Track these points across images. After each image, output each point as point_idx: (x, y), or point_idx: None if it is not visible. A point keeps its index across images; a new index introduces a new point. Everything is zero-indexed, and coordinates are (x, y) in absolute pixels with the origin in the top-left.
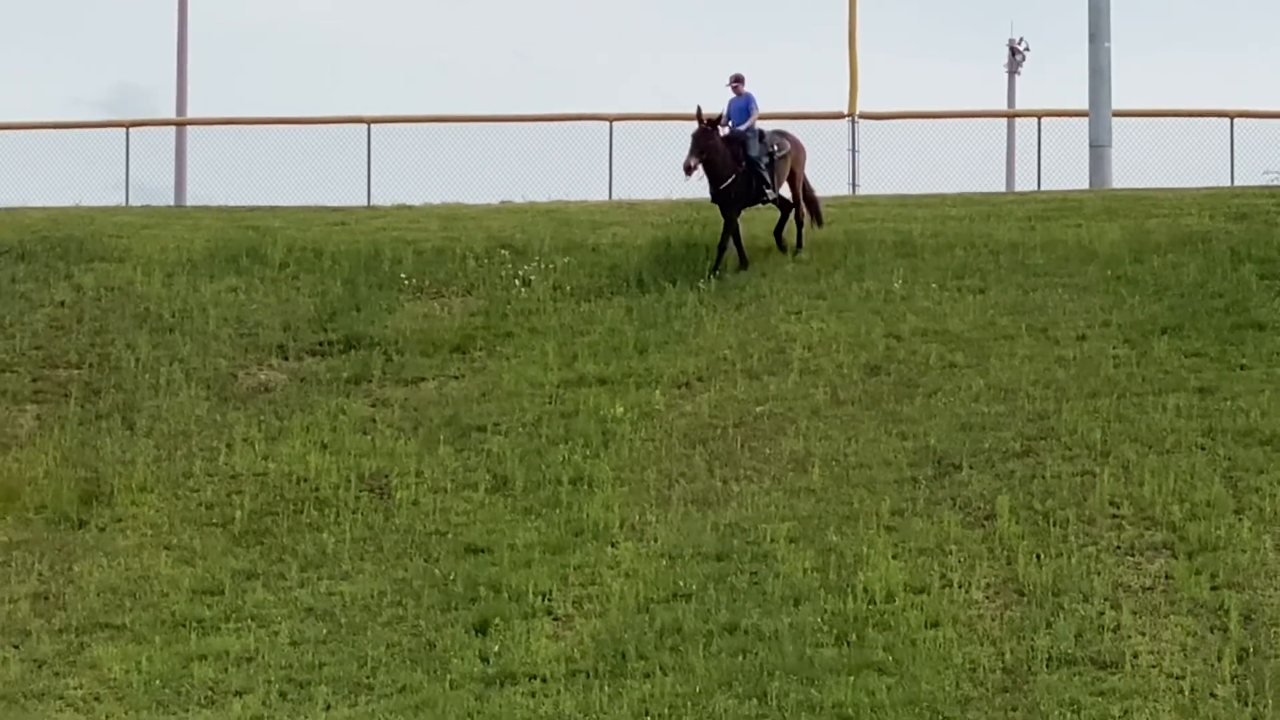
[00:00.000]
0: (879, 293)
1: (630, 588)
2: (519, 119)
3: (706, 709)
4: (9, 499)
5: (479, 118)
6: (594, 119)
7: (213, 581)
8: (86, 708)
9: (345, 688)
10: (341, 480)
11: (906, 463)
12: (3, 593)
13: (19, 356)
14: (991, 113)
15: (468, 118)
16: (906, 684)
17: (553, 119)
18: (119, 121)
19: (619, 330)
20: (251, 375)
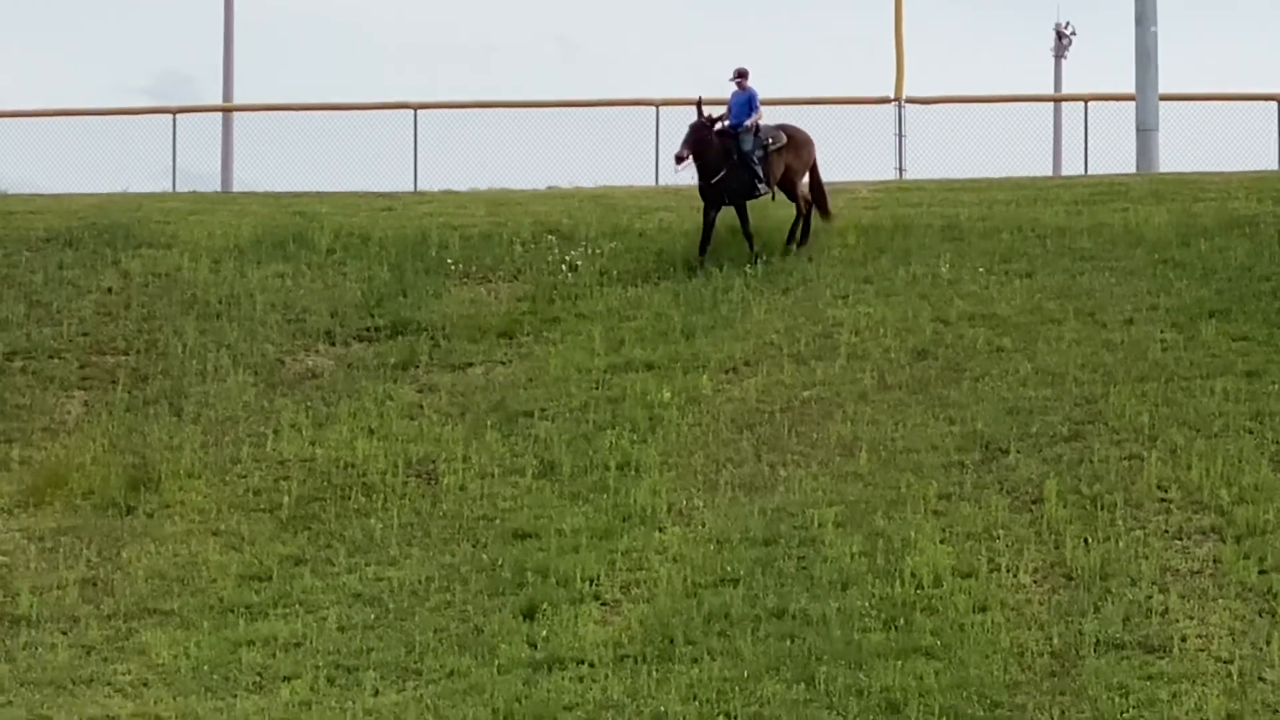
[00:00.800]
0: (926, 277)
1: (678, 573)
2: (565, 104)
3: (754, 694)
4: (57, 485)
5: (525, 103)
6: (640, 104)
7: (260, 567)
8: (135, 693)
9: (393, 673)
10: (389, 466)
11: (954, 447)
12: (51, 579)
13: (67, 343)
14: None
15: (514, 103)
16: (954, 668)
17: (598, 104)
18: (166, 108)
19: (666, 315)
20: (299, 361)
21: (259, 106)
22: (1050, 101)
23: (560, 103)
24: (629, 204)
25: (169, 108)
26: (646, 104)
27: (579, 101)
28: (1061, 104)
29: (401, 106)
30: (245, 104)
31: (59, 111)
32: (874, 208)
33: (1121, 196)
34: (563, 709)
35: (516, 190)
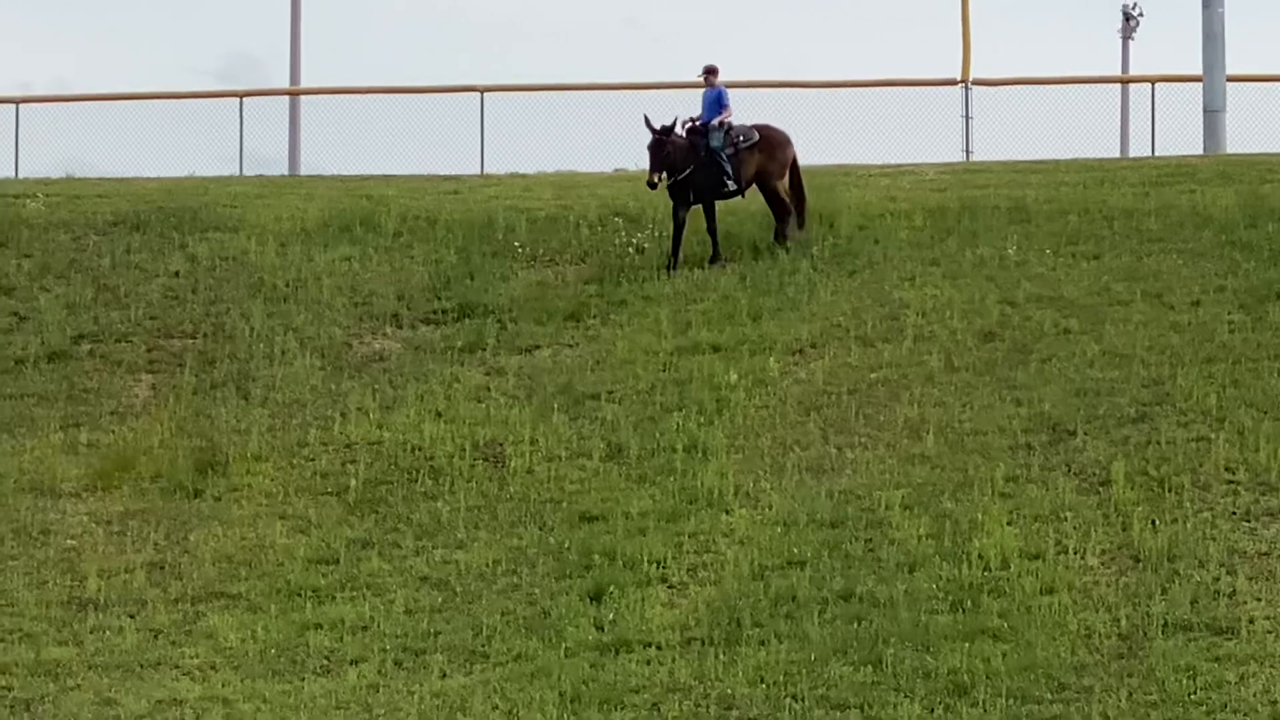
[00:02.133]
0: (993, 259)
1: (745, 555)
2: (631, 87)
3: (821, 676)
4: (125, 469)
5: (591, 86)
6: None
7: (328, 550)
8: (202, 677)
9: (460, 656)
10: (456, 449)
11: (1021, 429)
12: (119, 562)
13: (134, 326)
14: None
15: (580, 86)
16: (1022, 650)
17: (664, 87)
18: (233, 91)
19: (732, 297)
20: (366, 344)
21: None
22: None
23: (627, 85)
24: None
25: (236, 91)
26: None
27: (646, 84)
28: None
29: (468, 89)
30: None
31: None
32: (941, 190)
33: (1189, 178)
34: (629, 691)
35: (583, 173)
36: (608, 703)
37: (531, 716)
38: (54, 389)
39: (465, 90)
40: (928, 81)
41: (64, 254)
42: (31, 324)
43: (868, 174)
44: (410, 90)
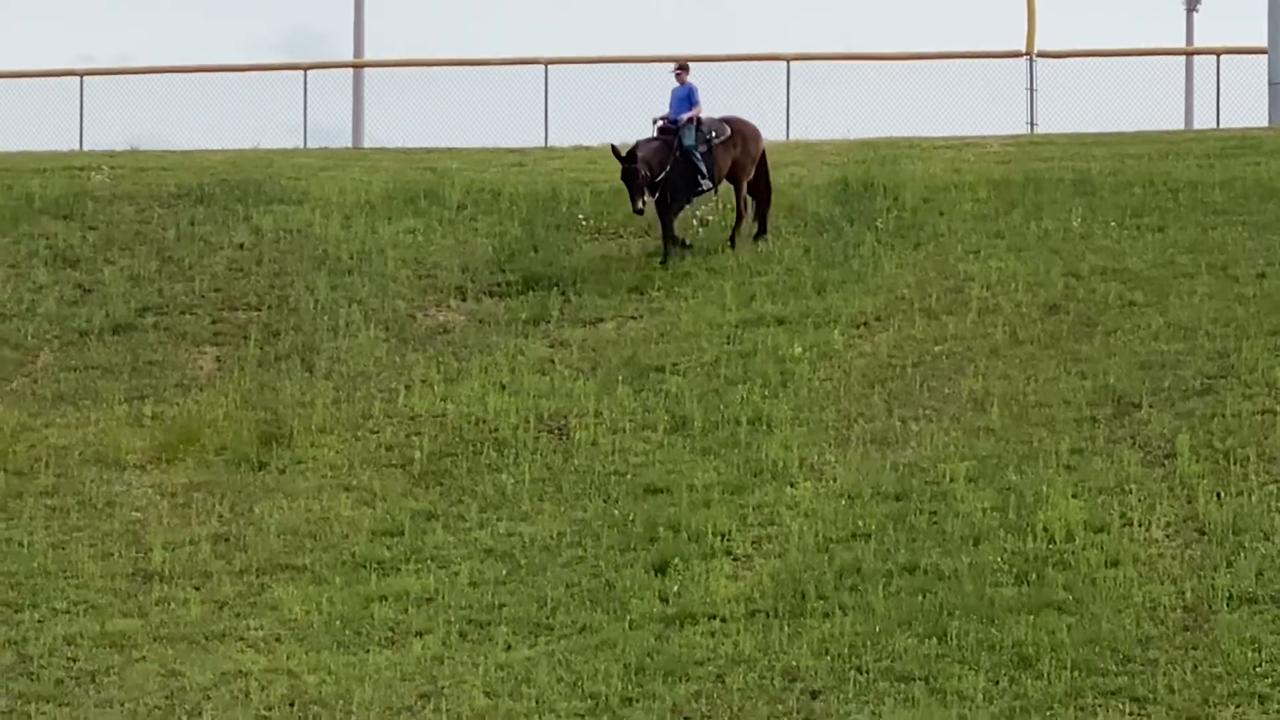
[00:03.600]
0: (1057, 231)
1: (809, 527)
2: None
3: (886, 648)
4: (189, 441)
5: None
6: (771, 59)
7: (392, 523)
8: (268, 649)
9: (525, 628)
10: (520, 421)
11: (1086, 402)
12: (184, 534)
13: (198, 299)
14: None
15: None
16: (1086, 623)
17: (729, 59)
18: (297, 64)
19: (797, 270)
20: (430, 316)
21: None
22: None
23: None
24: None
25: (300, 64)
26: (778, 59)
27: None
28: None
29: (533, 62)
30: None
31: (191, 68)
32: (1005, 162)
33: (1254, 150)
34: (694, 664)
35: None
36: (672, 675)
37: (596, 688)
38: (118, 361)
39: (530, 63)
40: (992, 54)
41: (129, 226)
42: (96, 296)
43: (932, 146)
44: (474, 62)
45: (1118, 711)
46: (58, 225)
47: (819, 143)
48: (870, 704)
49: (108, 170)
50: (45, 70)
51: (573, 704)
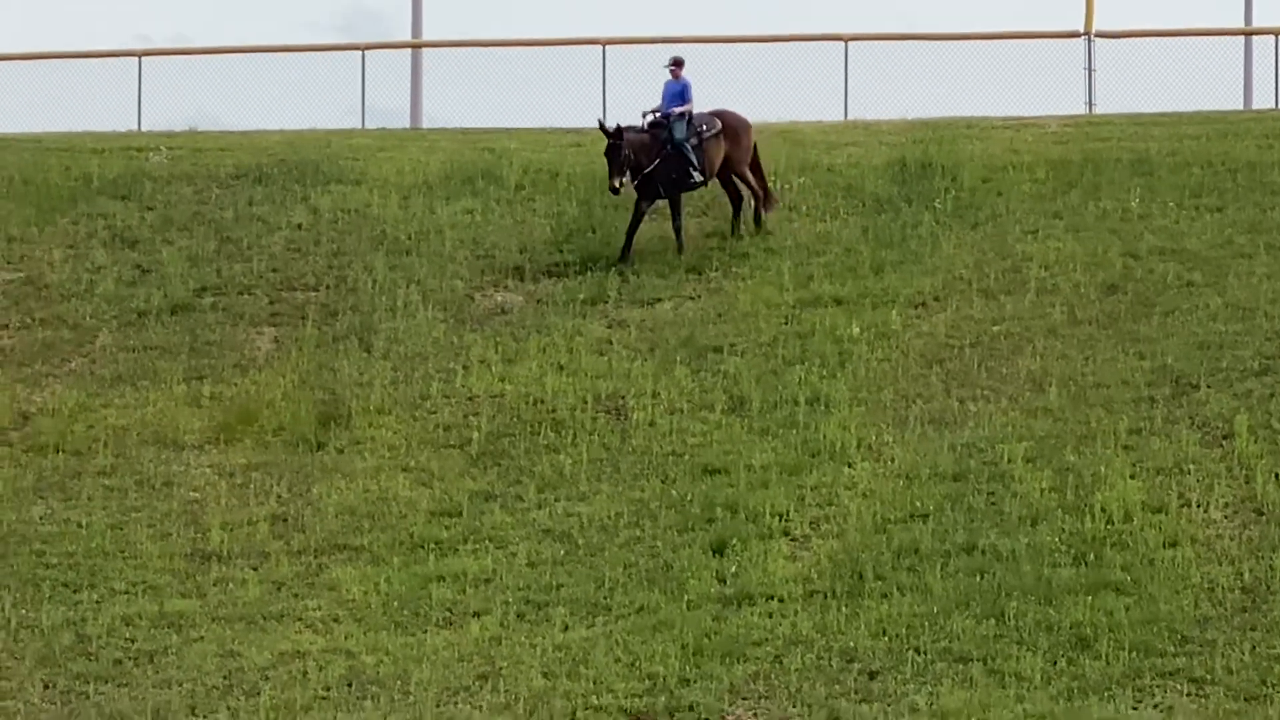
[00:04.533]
0: (1116, 211)
1: (867, 508)
2: (753, 40)
3: (944, 629)
4: (247, 421)
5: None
6: (828, 39)
7: (450, 503)
8: (325, 629)
9: (583, 608)
10: (578, 401)
11: (1144, 382)
12: (242, 515)
13: (257, 279)
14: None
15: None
16: (1145, 604)
17: (787, 39)
18: (354, 45)
19: (854, 250)
20: (488, 297)
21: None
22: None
23: (748, 38)
24: (816, 139)
25: (358, 44)
26: (835, 39)
27: (767, 37)
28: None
29: (590, 42)
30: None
31: (249, 49)
32: (1063, 142)
33: None
34: (752, 644)
35: None
36: (730, 655)
37: (653, 669)
38: (176, 341)
39: (587, 43)
40: (1050, 34)
41: (186, 207)
42: (154, 276)
43: (990, 126)
44: (532, 43)
45: (1175, 692)
46: (116, 206)
47: (877, 123)
48: (928, 685)
49: (166, 151)
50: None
51: (630, 684)
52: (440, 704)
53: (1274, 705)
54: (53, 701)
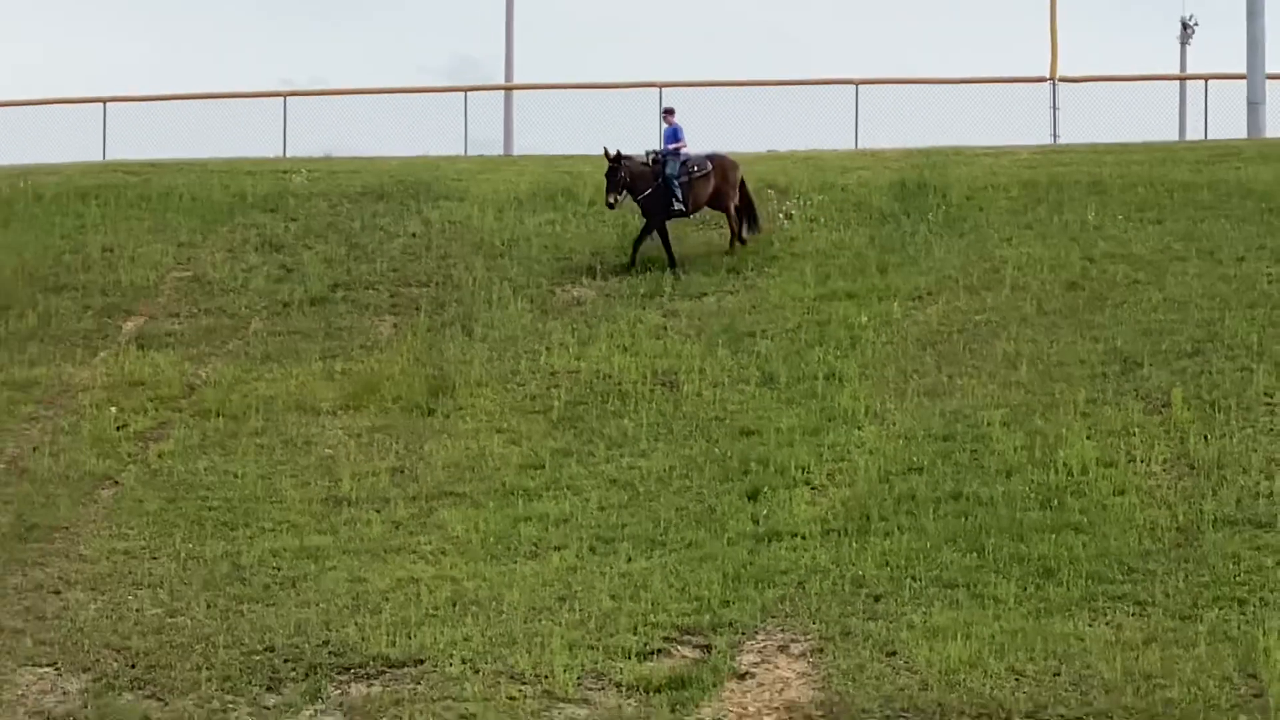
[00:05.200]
0: (1075, 223)
1: (873, 463)
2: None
3: (935, 561)
4: (372, 391)
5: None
6: (843, 83)
7: (536, 458)
8: (435, 560)
9: (643, 544)
10: (639, 376)
11: (1098, 361)
12: (367, 467)
13: (379, 277)
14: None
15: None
16: (1098, 541)
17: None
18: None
19: (863, 254)
20: (566, 291)
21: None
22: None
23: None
24: (834, 164)
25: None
26: (849, 83)
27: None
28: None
29: (649, 85)
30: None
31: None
32: (1032, 167)
33: (1235, 157)
34: (779, 573)
35: (742, 153)
36: (762, 581)
37: (700, 593)
38: (314, 327)
39: (647, 86)
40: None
41: (322, 218)
42: (296, 275)
43: (973, 154)
44: (602, 86)
45: (1124, 613)
46: (265, 217)
47: (882, 151)
48: (922, 606)
49: (306, 173)
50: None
51: (681, 605)
52: (527, 620)
53: (1203, 623)
54: (214, 618)
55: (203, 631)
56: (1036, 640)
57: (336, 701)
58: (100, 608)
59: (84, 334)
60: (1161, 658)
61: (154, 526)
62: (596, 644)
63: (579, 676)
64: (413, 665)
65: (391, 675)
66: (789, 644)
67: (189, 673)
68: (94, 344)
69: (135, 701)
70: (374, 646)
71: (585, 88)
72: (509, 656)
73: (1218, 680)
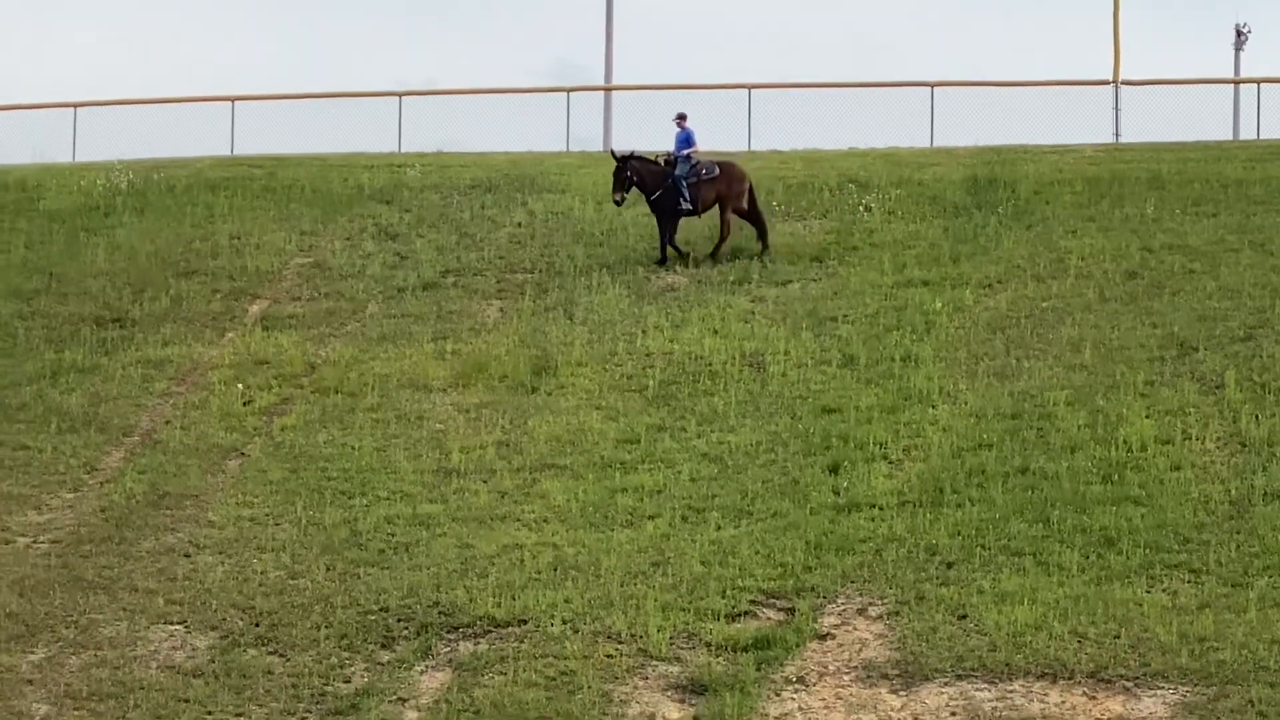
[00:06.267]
0: (1136, 216)
1: (946, 439)
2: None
3: (1004, 531)
4: (479, 370)
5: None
6: (919, 85)
7: (632, 433)
8: (538, 528)
9: (731, 513)
10: (728, 357)
11: (1156, 345)
12: (475, 440)
13: (487, 264)
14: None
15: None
16: (1155, 513)
17: (887, 85)
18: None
19: (938, 245)
20: (661, 278)
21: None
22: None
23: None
24: (910, 160)
25: (564, 87)
26: (923, 85)
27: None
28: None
29: (739, 86)
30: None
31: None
32: (1095, 164)
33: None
34: (858, 541)
35: (825, 150)
36: (842, 549)
37: (784, 559)
38: (426, 311)
39: (737, 87)
40: (1086, 82)
41: (435, 209)
42: (410, 262)
43: (1040, 152)
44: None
45: (1180, 580)
46: (382, 208)
47: (955, 148)
48: (991, 573)
49: (419, 167)
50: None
51: (766, 571)
52: (623, 584)
53: (1254, 590)
54: (332, 580)
55: (322, 593)
56: (1098, 605)
57: (446, 658)
58: (227, 570)
59: (213, 316)
60: (1215, 622)
61: (277, 495)
62: (688, 606)
63: (671, 636)
64: (517, 625)
65: (497, 634)
66: (867, 607)
67: (309, 631)
68: (222, 325)
69: (259, 657)
70: (481, 608)
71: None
72: (606, 617)
73: (1267, 643)
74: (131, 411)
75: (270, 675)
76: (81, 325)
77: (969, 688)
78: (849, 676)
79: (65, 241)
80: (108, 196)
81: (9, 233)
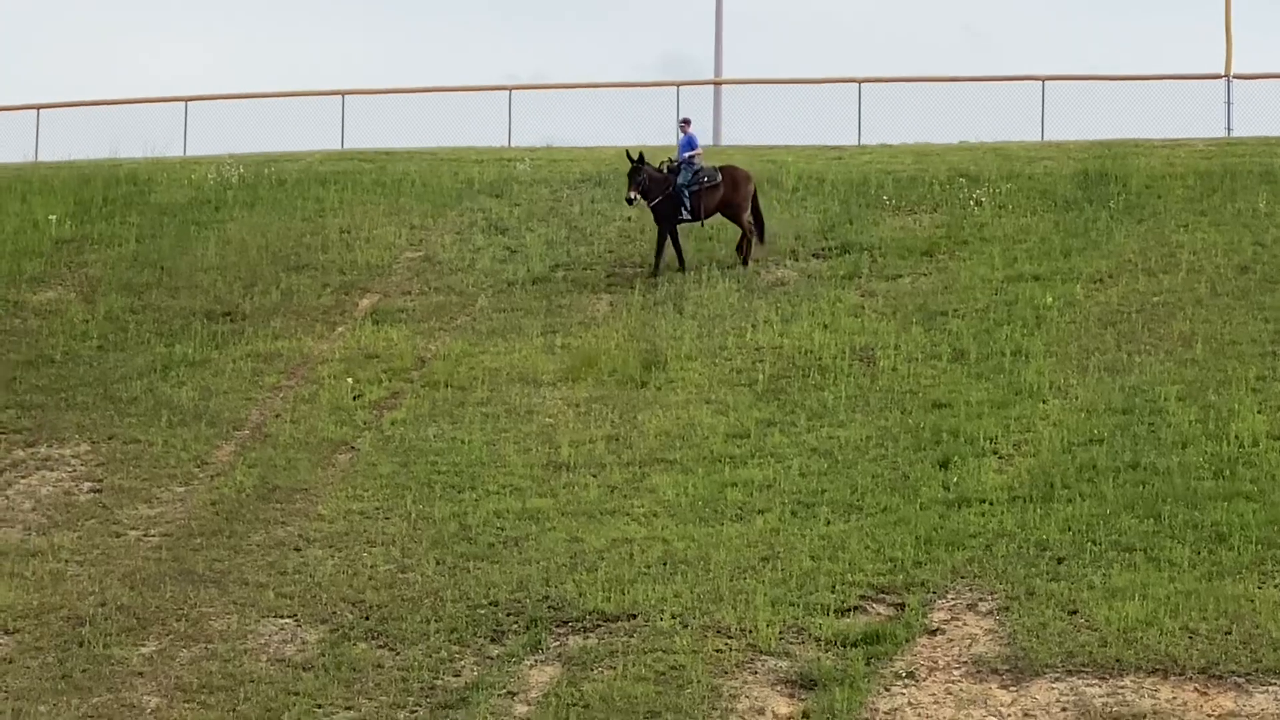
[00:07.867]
0: (1248, 210)
1: (1057, 434)
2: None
3: (1114, 526)
4: (589, 365)
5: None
6: (1030, 79)
7: (741, 428)
8: (647, 521)
9: (841, 508)
10: (838, 352)
11: (1268, 340)
12: (584, 435)
13: (597, 258)
14: None
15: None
16: (1268, 508)
17: (997, 79)
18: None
19: (1048, 239)
20: (770, 273)
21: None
22: None
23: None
24: (1020, 154)
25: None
26: (1033, 79)
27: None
28: None
29: (848, 80)
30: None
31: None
32: (1208, 158)
33: None
34: (969, 536)
35: (935, 144)
36: (952, 545)
37: (894, 554)
38: (536, 305)
39: (847, 81)
40: (1199, 75)
41: (544, 203)
42: (520, 256)
43: (1151, 145)
44: (803, 81)
45: None
46: (491, 202)
47: (1066, 142)
48: (1102, 568)
49: (529, 161)
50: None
51: (876, 566)
52: (733, 579)
53: None
54: (442, 574)
55: (432, 586)
56: (1209, 601)
57: (555, 652)
58: (337, 564)
59: (323, 309)
60: None
61: (387, 489)
62: (797, 601)
63: (781, 631)
64: (626, 619)
65: (606, 629)
66: (977, 603)
67: (419, 624)
68: (332, 319)
69: (369, 651)
70: (590, 602)
71: (789, 83)
72: (716, 612)
73: None
74: (241, 405)
75: (380, 669)
76: (192, 319)
77: (1079, 683)
78: (959, 672)
79: (176, 235)
80: (218, 190)
81: (120, 227)
